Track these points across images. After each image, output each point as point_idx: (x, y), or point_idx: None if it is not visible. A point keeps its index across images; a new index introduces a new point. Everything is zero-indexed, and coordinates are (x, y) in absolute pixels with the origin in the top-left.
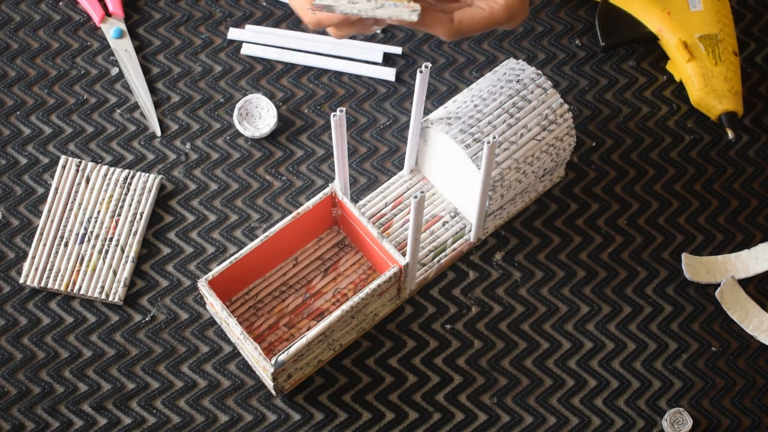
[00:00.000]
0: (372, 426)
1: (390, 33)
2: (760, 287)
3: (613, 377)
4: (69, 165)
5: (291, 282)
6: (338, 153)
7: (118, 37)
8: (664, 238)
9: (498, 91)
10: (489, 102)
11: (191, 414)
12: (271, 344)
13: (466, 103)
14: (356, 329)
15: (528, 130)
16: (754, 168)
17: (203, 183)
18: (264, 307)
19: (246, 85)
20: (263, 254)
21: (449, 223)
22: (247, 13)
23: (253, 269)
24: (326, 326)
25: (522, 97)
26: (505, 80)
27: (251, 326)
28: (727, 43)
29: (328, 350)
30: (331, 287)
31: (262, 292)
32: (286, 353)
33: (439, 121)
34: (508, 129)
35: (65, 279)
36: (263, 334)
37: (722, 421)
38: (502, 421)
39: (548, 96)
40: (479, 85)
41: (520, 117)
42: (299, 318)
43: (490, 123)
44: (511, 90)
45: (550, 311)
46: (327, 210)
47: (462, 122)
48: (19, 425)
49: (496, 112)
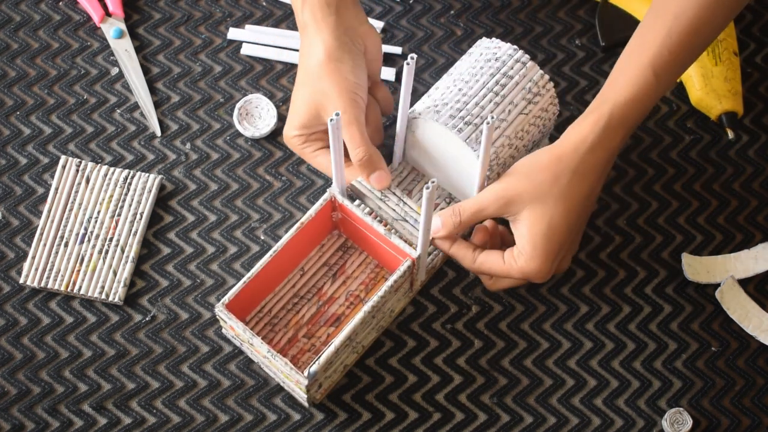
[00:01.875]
0: (372, 426)
1: (390, 33)
2: (760, 287)
3: (613, 377)
4: (69, 165)
5: (302, 292)
6: (335, 157)
7: (118, 37)
8: (664, 238)
9: (478, 72)
10: (472, 84)
11: (191, 414)
12: (294, 357)
13: (450, 89)
14: (376, 328)
15: (515, 106)
16: (754, 168)
17: (203, 183)
18: (280, 322)
19: (246, 85)
20: (273, 269)
21: (448, 205)
22: (247, 13)
23: (263, 286)
24: (351, 330)
25: (503, 74)
26: (483, 60)
27: (271, 342)
28: (727, 43)
29: (353, 354)
30: (343, 291)
31: (275, 307)
32: (318, 363)
33: (426, 110)
34: (495, 107)
35: (65, 279)
36: (284, 349)
37: (722, 421)
38: (502, 421)
39: (528, 69)
40: (458, 69)
41: (505, 94)
42: (317, 327)
43: (477, 104)
44: (491, 69)
45: (549, 311)
46: (327, 215)
47: (449, 108)
48: (19, 425)
49: (481, 92)
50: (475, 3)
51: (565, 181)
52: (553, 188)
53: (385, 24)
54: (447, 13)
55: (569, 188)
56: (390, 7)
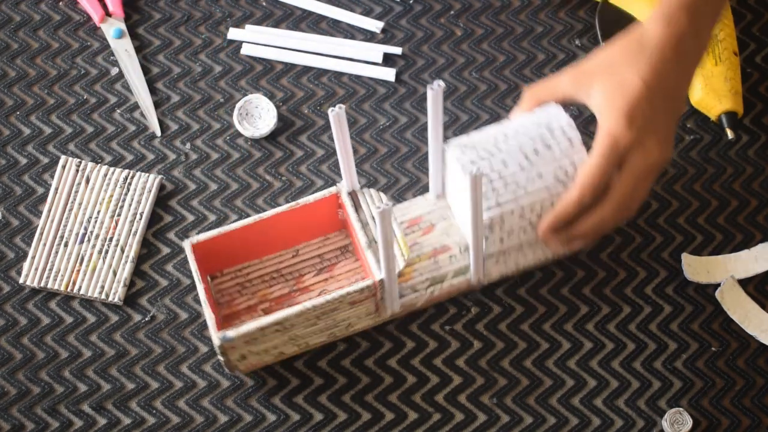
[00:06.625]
0: (372, 426)
1: (390, 33)
2: (760, 287)
3: (613, 377)
4: (69, 165)
5: (284, 271)
6: (341, 151)
7: (118, 37)
8: (664, 238)
9: (524, 131)
10: (511, 140)
11: (191, 414)
12: (240, 323)
13: (490, 136)
14: (327, 333)
15: (540, 178)
16: (754, 168)
17: (203, 183)
18: (250, 288)
19: (246, 85)
20: (257, 235)
21: (456, 257)
22: (247, 13)
23: (247, 248)
24: (282, 317)
25: (545, 142)
26: (536, 122)
27: (232, 302)
28: (727, 43)
29: (292, 345)
30: (320, 287)
31: (253, 273)
32: (236, 331)
33: (457, 145)
34: (519, 171)
35: (65, 279)
36: (240, 312)
37: (722, 421)
38: (502, 421)
39: (574, 150)
40: (512, 122)
41: (535, 162)
42: (279, 307)
43: (503, 161)
44: (536, 133)
45: (549, 312)
46: (333, 208)
47: (476, 152)
48: (19, 425)
49: (513, 151)
50: (475, 3)
51: (633, 52)
52: (623, 57)
53: (385, 24)
54: (447, 13)
55: (639, 58)
56: (390, 7)
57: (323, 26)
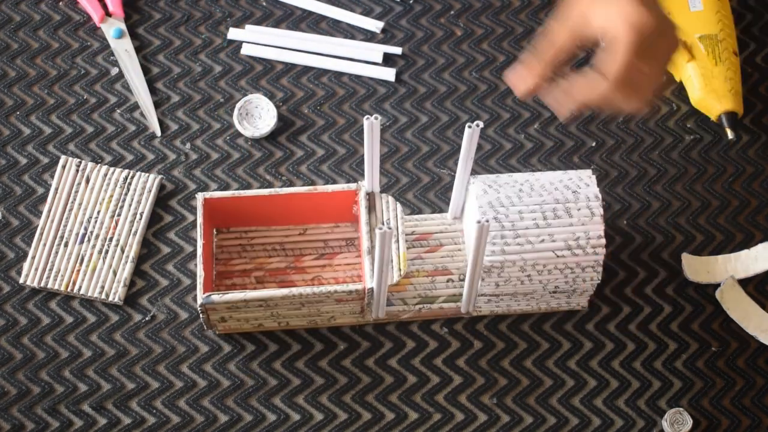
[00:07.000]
0: (372, 426)
1: (390, 33)
2: (760, 287)
3: (613, 377)
4: (69, 165)
5: (287, 246)
6: (369, 156)
7: (118, 37)
8: (664, 238)
9: (550, 189)
10: (534, 195)
11: (191, 414)
12: (233, 285)
13: (517, 184)
14: (307, 319)
15: (552, 240)
16: (754, 168)
17: (203, 183)
18: (250, 252)
19: (246, 85)
20: (270, 206)
21: (454, 283)
22: (247, 13)
23: (257, 214)
24: (267, 296)
25: (565, 207)
26: (564, 184)
27: (229, 261)
28: (727, 43)
29: (272, 320)
30: (315, 272)
31: (257, 239)
32: (220, 297)
33: (482, 182)
34: (533, 227)
35: (65, 279)
36: (233, 274)
37: (722, 421)
38: (502, 421)
39: (592, 221)
40: (543, 175)
41: (551, 224)
42: (272, 279)
43: (520, 212)
44: (561, 196)
45: (549, 312)
46: (350, 201)
47: (497, 196)
48: (19, 425)
49: (532, 206)
50: (475, 3)
51: None
52: None
53: (385, 24)
54: (447, 13)
55: None
56: (390, 7)
57: (323, 26)
